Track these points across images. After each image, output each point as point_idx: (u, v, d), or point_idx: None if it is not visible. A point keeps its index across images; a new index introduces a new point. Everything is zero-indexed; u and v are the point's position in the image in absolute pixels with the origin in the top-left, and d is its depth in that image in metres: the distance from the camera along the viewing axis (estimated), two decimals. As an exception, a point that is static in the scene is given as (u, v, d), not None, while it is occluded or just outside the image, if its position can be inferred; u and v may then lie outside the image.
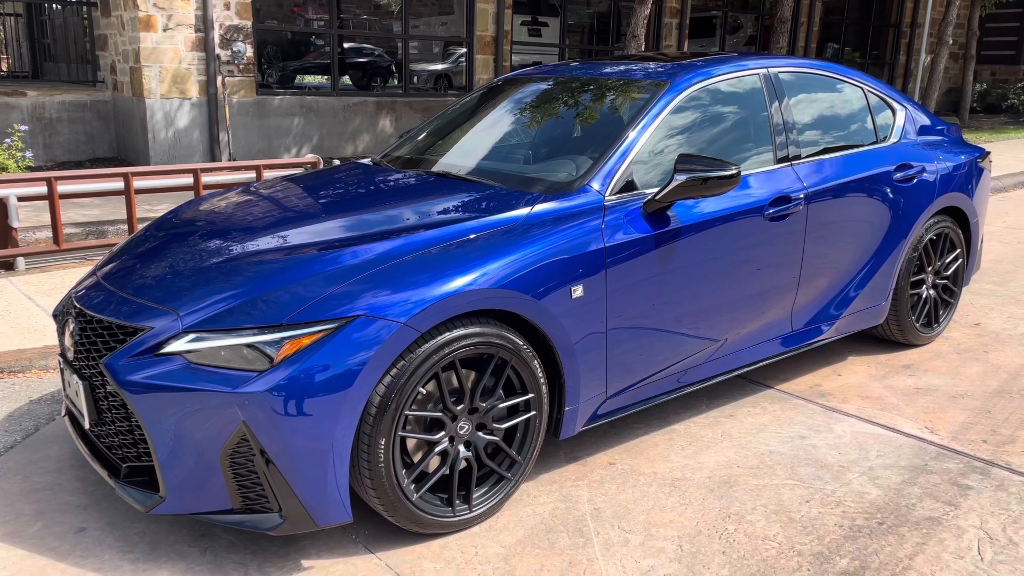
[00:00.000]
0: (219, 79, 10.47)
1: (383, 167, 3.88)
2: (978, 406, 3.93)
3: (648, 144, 3.39)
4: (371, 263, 2.70)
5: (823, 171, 3.94)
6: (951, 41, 17.06)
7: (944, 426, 3.71)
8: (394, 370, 2.59)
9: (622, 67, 3.97)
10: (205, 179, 6.97)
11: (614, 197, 3.21)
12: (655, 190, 3.27)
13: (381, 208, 3.21)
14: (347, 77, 12.37)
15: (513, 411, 2.97)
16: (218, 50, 10.44)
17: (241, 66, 10.71)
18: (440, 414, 2.75)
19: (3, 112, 10.55)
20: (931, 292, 4.66)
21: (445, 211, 3.08)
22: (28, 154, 9.83)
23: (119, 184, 6.69)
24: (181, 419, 2.49)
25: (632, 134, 3.35)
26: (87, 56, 12.48)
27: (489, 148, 3.85)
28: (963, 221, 4.78)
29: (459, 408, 2.79)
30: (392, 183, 3.58)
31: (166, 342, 2.56)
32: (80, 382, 2.76)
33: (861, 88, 4.37)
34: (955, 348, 4.70)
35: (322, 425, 2.47)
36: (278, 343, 2.48)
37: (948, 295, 4.80)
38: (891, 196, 4.22)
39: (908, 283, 4.46)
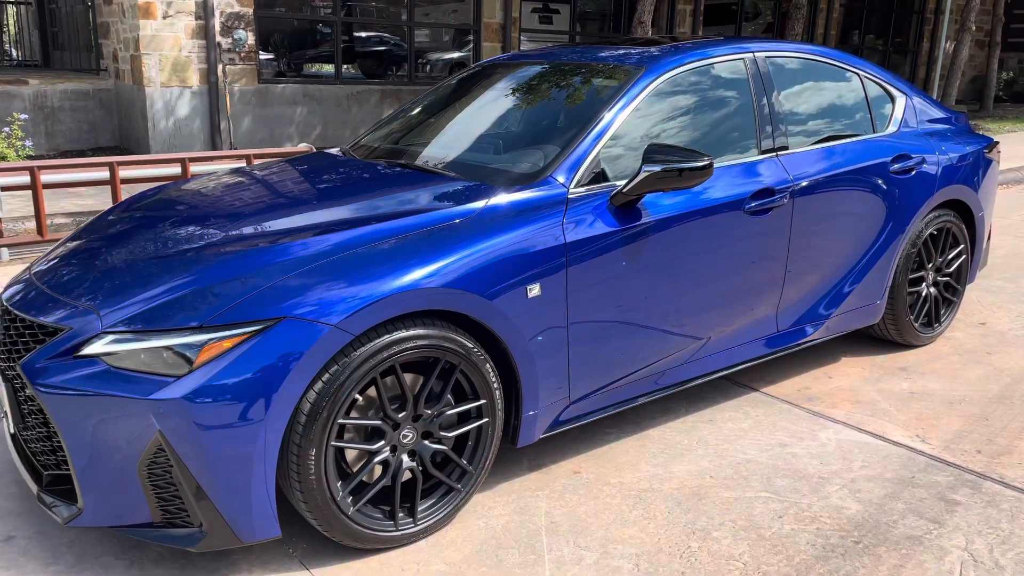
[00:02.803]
0: (220, 67, 10.34)
1: (347, 157, 3.71)
2: (976, 412, 3.70)
3: (620, 133, 3.19)
4: (305, 260, 2.52)
5: (812, 162, 3.71)
6: (974, 27, 16.60)
7: (937, 434, 3.49)
8: (326, 375, 2.41)
9: (602, 53, 3.76)
10: (194, 168, 6.83)
11: (581, 189, 3.02)
12: (625, 182, 3.06)
13: (329, 202, 3.03)
14: (351, 65, 12.20)
15: (465, 418, 2.80)
16: (219, 38, 10.30)
17: (242, 54, 10.57)
18: (379, 422, 2.58)
19: (4, 101, 10.50)
20: (931, 290, 4.42)
21: (395, 205, 2.90)
22: (28, 143, 9.77)
23: (105, 174, 6.57)
24: (98, 426, 2.34)
25: (602, 123, 3.15)
26: (91, 44, 12.40)
27: (457, 137, 3.66)
28: (967, 215, 4.53)
29: (401, 415, 2.61)
30: (350, 174, 3.41)
31: (85, 343, 2.40)
32: (3, 384, 2.62)
33: (857, 75, 4.13)
34: (956, 349, 4.46)
35: (244, 435, 2.30)
36: (198, 346, 2.32)
37: (950, 293, 4.56)
38: (887, 189, 3.99)
39: (906, 280, 4.22)
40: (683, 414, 3.66)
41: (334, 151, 3.96)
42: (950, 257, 4.47)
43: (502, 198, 2.89)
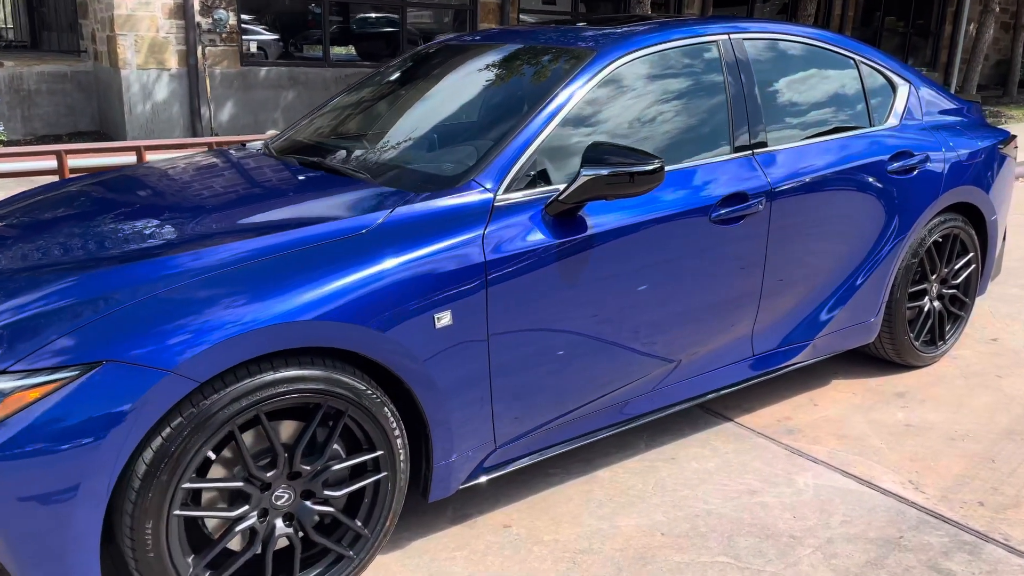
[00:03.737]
0: (199, 49, 9.90)
1: (259, 154, 3.25)
2: (980, 452, 3.21)
3: (563, 129, 2.71)
4: (151, 285, 2.07)
5: (795, 162, 3.22)
6: (998, 9, 15.88)
7: (933, 480, 3.01)
8: (166, 431, 1.97)
9: (555, 34, 3.27)
10: (150, 157, 6.40)
11: (511, 196, 2.55)
12: (563, 188, 2.59)
13: (209, 211, 2.57)
14: (341, 47, 11.71)
15: (361, 471, 2.35)
16: (198, 18, 9.85)
17: (224, 35, 10.12)
18: (241, 483, 2.13)
19: (-22, 83, 10.12)
20: (935, 304, 3.92)
21: (283, 215, 2.44)
22: (0, 127, 9.39)
23: (53, 163, 6.16)
24: None
25: (540, 117, 2.68)
26: (75, 25, 11.99)
27: (382, 132, 3.19)
28: (978, 219, 4.02)
29: (271, 474, 2.17)
30: (250, 176, 2.95)
31: None
32: None
33: (853, 60, 3.62)
34: (963, 371, 3.96)
35: (55, 506, 1.86)
36: (1, 395, 1.88)
37: (957, 307, 4.05)
38: (884, 191, 3.49)
39: (905, 294, 3.72)
40: (642, 449, 3.19)
41: (256, 144, 3.51)
42: (957, 267, 3.96)
43: (409, 208, 2.42)
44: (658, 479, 2.99)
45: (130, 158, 6.39)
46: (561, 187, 2.61)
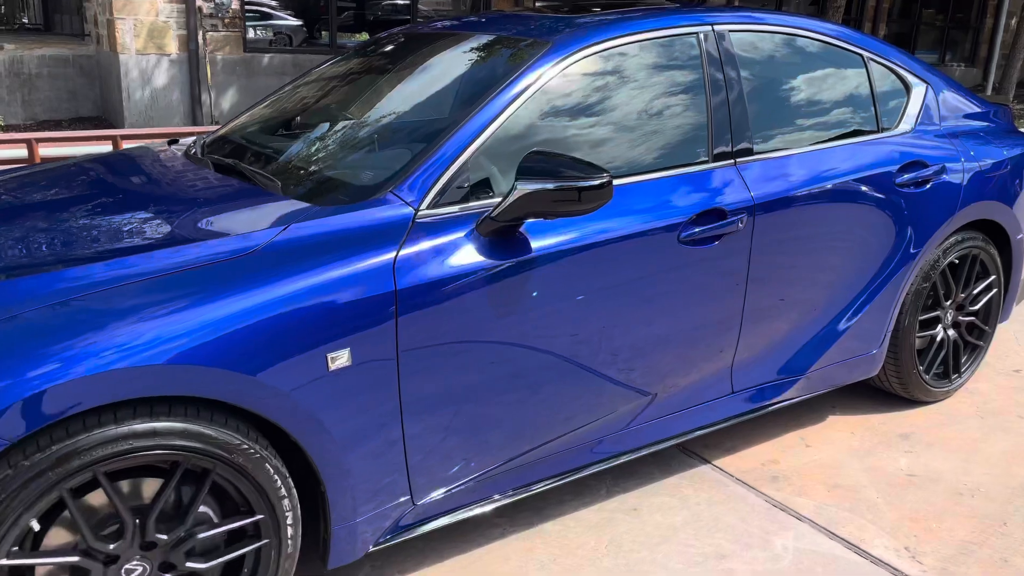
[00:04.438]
0: (200, 34, 9.60)
1: (175, 154, 2.89)
2: (992, 512, 2.79)
3: (509, 133, 2.33)
4: (-30, 320, 1.73)
5: (784, 173, 2.81)
6: (1043, 3, 15.15)
7: (934, 546, 2.60)
8: (-26, 498, 1.63)
9: (518, 22, 2.87)
10: (127, 147, 6.09)
11: (438, 211, 2.18)
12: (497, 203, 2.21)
13: (63, 226, 2.20)
14: (348, 34, 11.36)
15: (242, 535, 2.00)
16: (200, 2, 9.54)
17: (226, 20, 9.81)
18: (78, 558, 1.79)
19: (-22, 66, 9.91)
20: (950, 333, 3.48)
21: (156, 232, 2.09)
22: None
23: (23, 152, 5.88)
24: None
25: (477, 119, 2.30)
26: (80, 7, 11.77)
27: (313, 131, 2.82)
28: (1001, 238, 3.57)
29: (116, 545, 1.82)
30: (143, 181, 2.60)
31: None
32: None
33: (860, 56, 3.19)
34: (980, 408, 3.52)
35: None
36: None
37: (975, 336, 3.61)
38: (891, 206, 3.06)
39: (915, 322, 3.30)
40: (602, 497, 2.81)
41: (189, 140, 3.16)
42: (976, 292, 3.52)
43: (306, 225, 2.06)
44: (614, 535, 2.61)
45: (105, 147, 6.09)
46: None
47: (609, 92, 2.54)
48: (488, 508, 2.39)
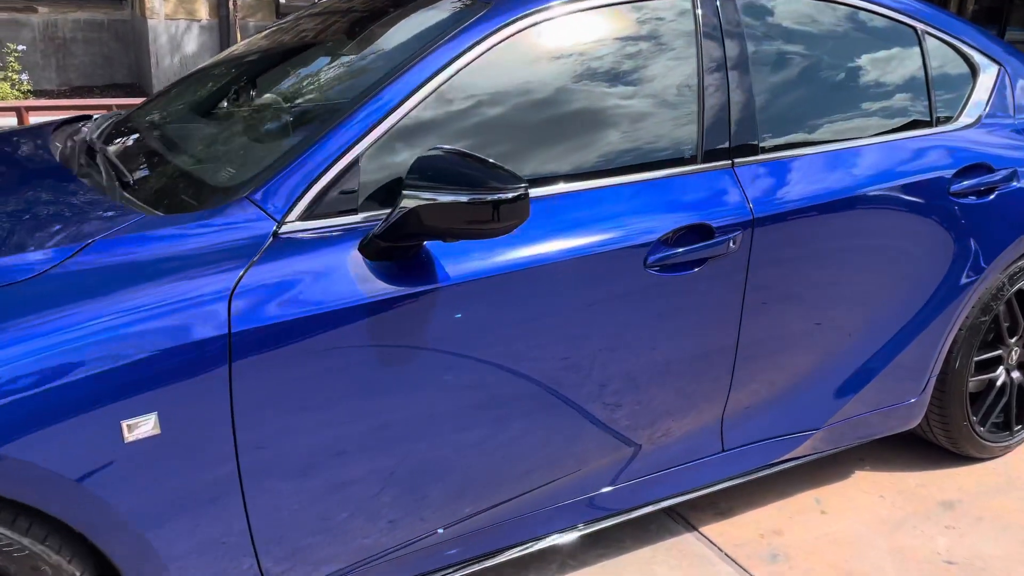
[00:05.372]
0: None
1: (53, 144, 2.42)
2: (1052, 623, 2.17)
3: (419, 123, 1.79)
4: None
5: (797, 177, 2.20)
6: None
7: (970, 673, 2.00)
8: None
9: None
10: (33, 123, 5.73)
11: (311, 225, 1.67)
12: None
13: None
14: None
15: (20, 643, 1.53)
16: (231, -35, 9.15)
17: (259, -16, 9.39)
18: None
19: (12, 30, 9.70)
20: (1014, 376, 2.82)
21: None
22: (24, 77, 8.97)
23: (12, 120, 5.57)
24: None
25: (373, 106, 1.76)
26: (121, -30, 11.50)
27: (198, 119, 2.30)
28: (1087, 260, 2.88)
29: None
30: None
31: None
32: None
33: (914, 28, 2.53)
34: (1048, 469, 2.86)
35: None
36: None
37: (1047, 379, 2.94)
38: (942, 221, 2.42)
39: (969, 364, 2.66)
40: (553, 573, 2.28)
41: (97, 116, 2.70)
42: (1051, 326, 2.84)
43: (118, 243, 1.56)
44: (555, 630, 2.08)
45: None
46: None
47: (564, 70, 1.96)
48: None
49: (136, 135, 2.23)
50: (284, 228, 1.64)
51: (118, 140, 2.23)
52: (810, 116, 2.29)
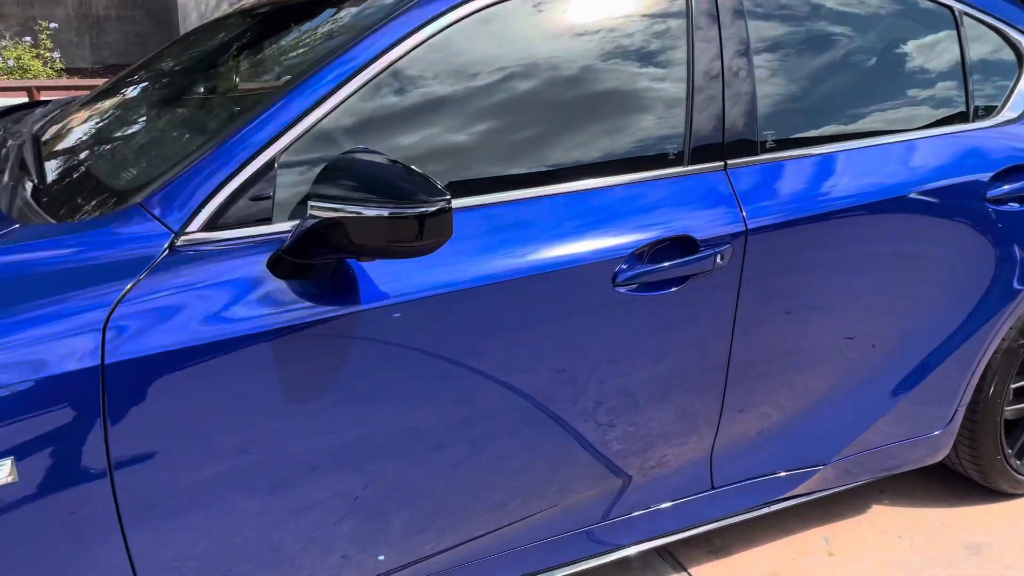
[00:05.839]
0: (262, -24, 9.05)
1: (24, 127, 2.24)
2: None
3: (351, 119, 1.56)
4: None
5: (802, 181, 1.91)
6: None
7: None
8: None
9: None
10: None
11: (215, 237, 1.45)
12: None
13: None
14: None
15: None
16: (261, -59, 8.97)
17: (290, -39, 9.22)
18: None
19: (46, 7, 9.71)
20: (1057, 404, 2.50)
21: None
22: (56, 55, 8.96)
23: (23, 99, 5.47)
24: None
25: (293, 101, 1.53)
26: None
27: (134, 115, 2.08)
28: None
29: None
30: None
31: None
32: None
33: (949, 9, 2.21)
34: (1094, 508, 2.54)
35: None
36: None
37: (1097, 407, 2.60)
38: (977, 231, 2.12)
39: (1006, 391, 2.35)
40: (518, 616, 2.04)
41: (56, 97, 2.52)
42: (1102, 348, 2.51)
43: (-16, 261, 1.35)
44: None
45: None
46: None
47: (522, 57, 1.71)
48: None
49: (61, 129, 2.03)
50: (183, 240, 1.43)
51: (47, 134, 2.03)
52: (822, 110, 1.99)
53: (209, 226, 1.45)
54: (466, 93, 1.65)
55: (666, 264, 1.72)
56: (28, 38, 8.62)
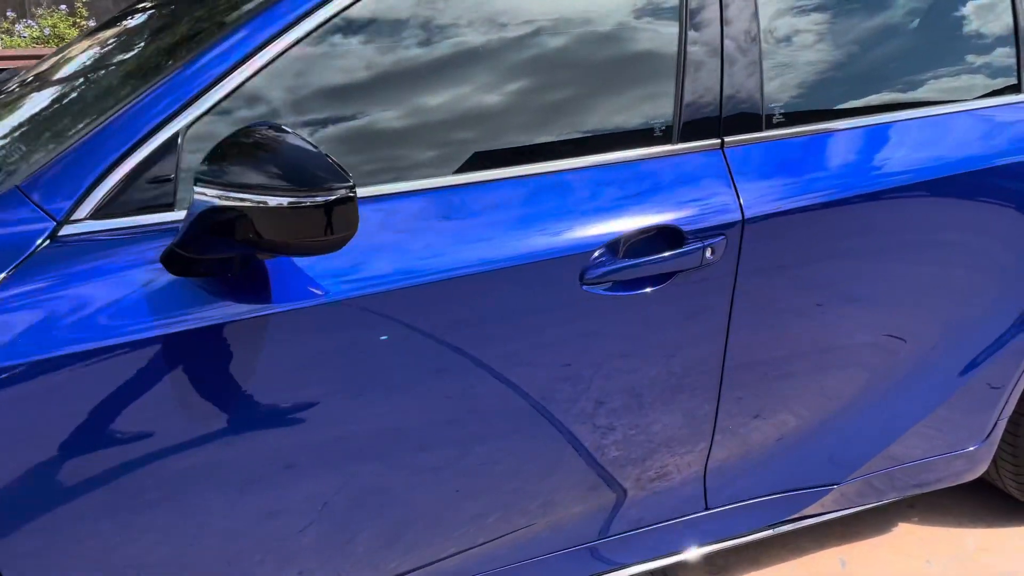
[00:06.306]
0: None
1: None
2: None
3: (273, 85, 1.35)
4: None
5: (813, 161, 1.65)
6: None
7: None
8: None
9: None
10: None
11: (107, 225, 1.26)
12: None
13: None
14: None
15: None
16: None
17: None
18: None
19: (82, -26, 9.64)
20: (1116, 416, 2.20)
21: None
22: (92, 23, 8.91)
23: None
24: None
25: (199, 66, 1.32)
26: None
27: (52, 91, 1.88)
28: None
29: None
30: None
31: None
32: None
33: (1000, -38, 1.90)
34: None
35: None
36: None
37: None
38: (1018, 221, 1.82)
39: (1054, 401, 2.06)
40: (488, 643, 1.85)
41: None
42: None
43: None
44: None
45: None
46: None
47: (470, 12, 1.46)
48: None
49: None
50: (67, 229, 1.23)
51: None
52: (843, 79, 1.72)
53: (100, 213, 1.25)
54: (411, 61, 1.42)
55: (644, 259, 1.48)
56: (64, 6, 8.56)
